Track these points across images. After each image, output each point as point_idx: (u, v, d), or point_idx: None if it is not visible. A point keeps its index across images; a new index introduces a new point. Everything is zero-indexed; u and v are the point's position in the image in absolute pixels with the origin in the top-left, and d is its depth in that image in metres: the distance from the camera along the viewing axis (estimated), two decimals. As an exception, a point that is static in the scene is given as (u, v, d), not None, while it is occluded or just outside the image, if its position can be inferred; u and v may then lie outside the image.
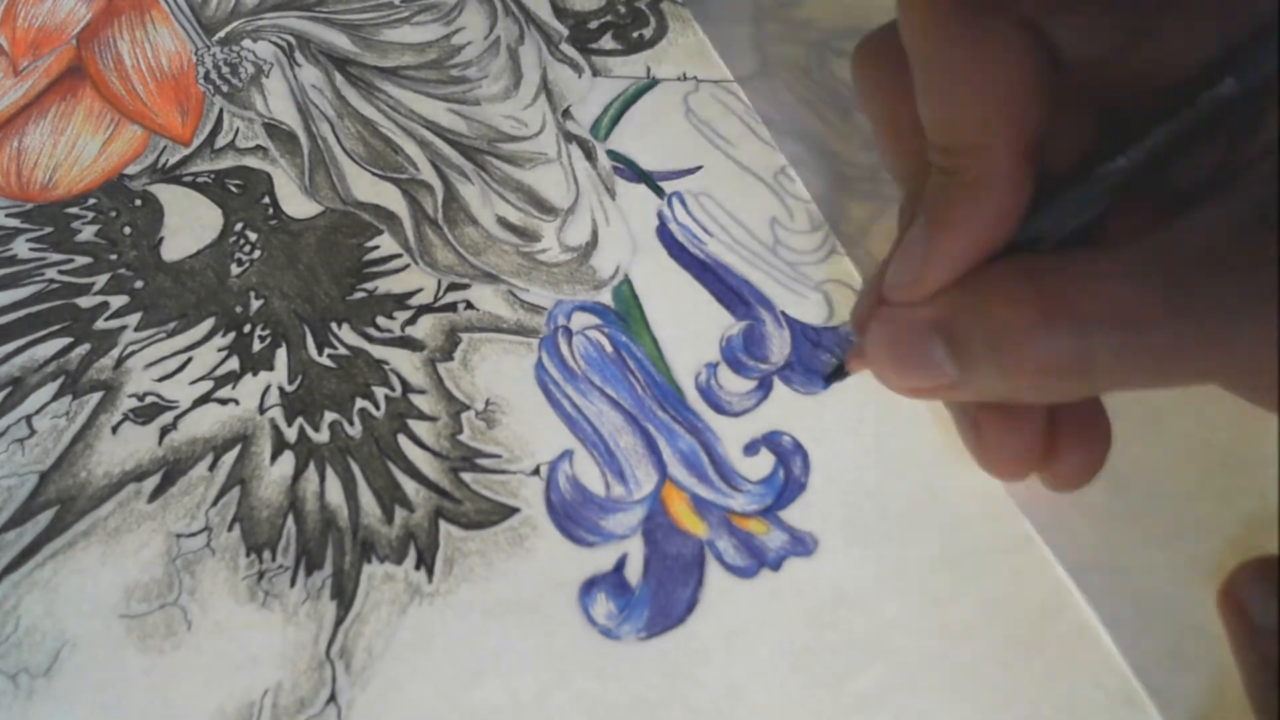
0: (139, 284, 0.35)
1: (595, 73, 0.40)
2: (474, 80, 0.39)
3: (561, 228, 0.36)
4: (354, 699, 0.28)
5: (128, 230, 0.36)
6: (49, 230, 0.37)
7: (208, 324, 0.34)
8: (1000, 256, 0.24)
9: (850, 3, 0.40)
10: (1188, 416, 0.30)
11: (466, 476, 0.31)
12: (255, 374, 0.33)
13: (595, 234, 0.35)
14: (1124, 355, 0.21)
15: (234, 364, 0.33)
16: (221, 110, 0.39)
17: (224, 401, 0.33)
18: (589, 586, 0.29)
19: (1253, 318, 0.20)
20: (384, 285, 0.35)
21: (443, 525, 0.30)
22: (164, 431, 0.32)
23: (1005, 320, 0.22)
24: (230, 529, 0.30)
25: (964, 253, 0.23)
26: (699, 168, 0.37)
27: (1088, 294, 0.21)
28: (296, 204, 0.37)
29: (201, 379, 0.33)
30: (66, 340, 0.34)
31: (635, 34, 0.40)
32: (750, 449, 0.31)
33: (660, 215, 0.36)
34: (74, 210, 0.37)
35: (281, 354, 0.34)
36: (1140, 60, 0.23)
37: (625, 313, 0.34)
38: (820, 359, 0.32)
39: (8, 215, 0.37)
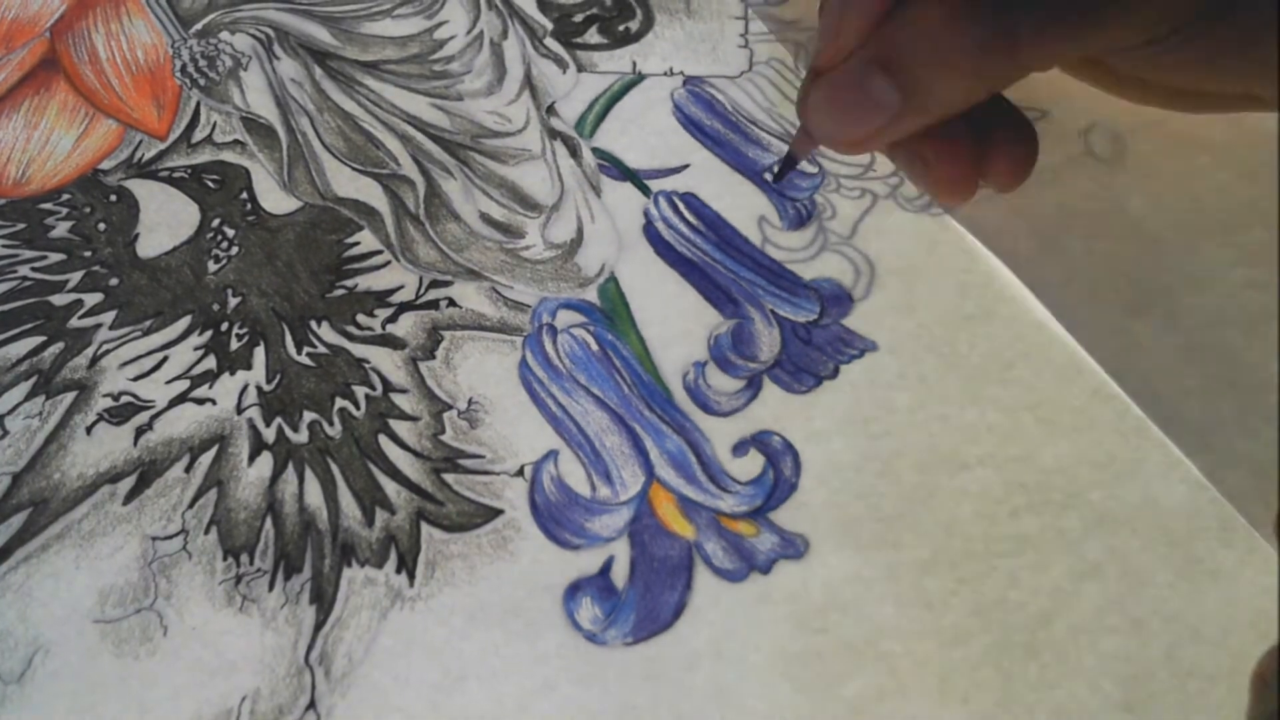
0: (114, 281, 0.35)
1: (580, 68, 0.39)
2: (456, 75, 0.39)
3: (546, 224, 0.35)
4: (334, 706, 0.27)
5: (102, 226, 0.36)
6: (21, 226, 0.36)
7: (184, 322, 0.34)
8: None
9: None
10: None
11: (449, 478, 0.31)
12: (233, 373, 0.33)
13: (580, 231, 0.35)
14: (1044, 21, 0.24)
15: (211, 363, 0.33)
16: (198, 104, 0.39)
17: (201, 401, 0.32)
18: (574, 590, 0.29)
19: None
20: (364, 282, 0.34)
21: (424, 528, 0.30)
22: (139, 432, 0.32)
23: (935, 21, 0.24)
24: (207, 531, 0.30)
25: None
26: (686, 166, 0.36)
27: None
28: (275, 199, 0.36)
29: (178, 378, 0.33)
30: (40, 339, 0.34)
31: (621, 27, 0.40)
32: (739, 449, 0.31)
33: (647, 213, 0.35)
34: (47, 206, 0.36)
35: (259, 352, 0.33)
36: None
37: (611, 310, 0.33)
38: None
39: (-21, 211, 0.37)
